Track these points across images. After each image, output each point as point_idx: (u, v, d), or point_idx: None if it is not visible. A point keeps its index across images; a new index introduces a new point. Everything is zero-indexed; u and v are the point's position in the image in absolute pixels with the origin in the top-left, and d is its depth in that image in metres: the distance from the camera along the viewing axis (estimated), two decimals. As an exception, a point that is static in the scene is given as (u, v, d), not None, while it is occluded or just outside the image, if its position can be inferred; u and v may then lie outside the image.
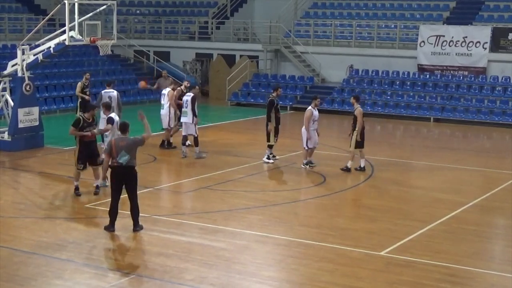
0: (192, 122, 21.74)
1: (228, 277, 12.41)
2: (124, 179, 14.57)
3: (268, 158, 21.73)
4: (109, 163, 14.66)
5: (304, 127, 20.88)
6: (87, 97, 25.60)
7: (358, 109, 21.00)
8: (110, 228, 14.61)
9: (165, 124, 23.20)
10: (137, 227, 14.69)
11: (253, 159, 22.22)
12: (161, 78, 27.47)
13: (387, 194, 18.62)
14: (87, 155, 17.27)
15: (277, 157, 21.98)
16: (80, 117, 17.45)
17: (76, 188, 17.51)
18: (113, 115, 18.55)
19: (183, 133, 22.20)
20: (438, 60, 34.38)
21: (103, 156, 16.03)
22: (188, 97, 21.89)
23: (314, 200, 17.96)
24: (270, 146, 21.76)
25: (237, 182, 19.49)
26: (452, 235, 15.24)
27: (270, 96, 22.28)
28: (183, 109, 22.06)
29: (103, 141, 19.40)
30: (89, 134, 17.17)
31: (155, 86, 27.07)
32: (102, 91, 22.74)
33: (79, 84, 25.90)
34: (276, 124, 21.64)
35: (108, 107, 18.73)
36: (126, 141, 14.60)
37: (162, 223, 15.39)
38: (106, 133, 18.66)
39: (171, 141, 23.35)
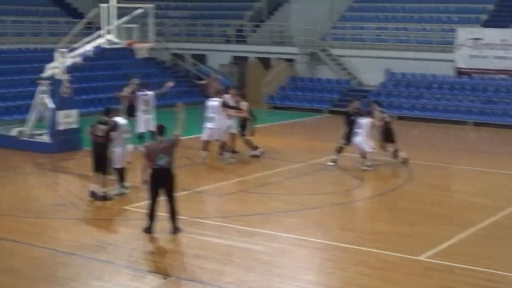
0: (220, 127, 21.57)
1: (267, 281, 12.41)
2: (163, 181, 14.61)
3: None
4: (147, 167, 14.68)
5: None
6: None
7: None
8: (149, 230, 14.67)
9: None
10: (175, 229, 14.72)
11: (291, 162, 22.20)
12: (210, 79, 27.39)
13: (426, 198, 18.50)
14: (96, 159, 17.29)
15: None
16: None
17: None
18: (119, 119, 18.05)
19: (206, 139, 21.85)
20: (476, 63, 34.11)
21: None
22: (215, 102, 21.72)
23: (351, 204, 17.92)
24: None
25: (274, 185, 19.49)
26: (492, 240, 15.09)
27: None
28: (208, 115, 21.76)
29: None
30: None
31: (204, 82, 26.81)
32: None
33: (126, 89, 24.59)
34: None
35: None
36: (164, 143, 14.66)
37: (201, 226, 15.44)
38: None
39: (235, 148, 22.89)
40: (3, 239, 14.22)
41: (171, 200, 14.68)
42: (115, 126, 17.36)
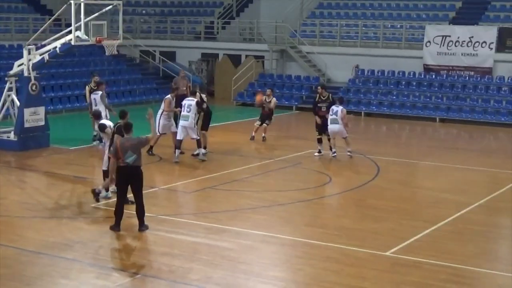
0: (195, 126, 21.48)
1: (233, 277, 12.42)
2: (130, 179, 14.58)
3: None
4: (116, 164, 14.66)
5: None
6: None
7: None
8: (116, 228, 14.62)
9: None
10: (142, 226, 14.67)
11: (259, 159, 22.23)
12: (177, 77, 27.37)
13: (393, 194, 18.61)
14: None
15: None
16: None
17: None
18: (104, 121, 18.00)
19: (179, 138, 21.46)
20: (444, 60, 34.32)
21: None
22: (191, 101, 21.58)
23: (319, 200, 17.96)
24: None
25: (242, 182, 19.50)
26: (458, 235, 15.23)
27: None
28: (183, 113, 21.37)
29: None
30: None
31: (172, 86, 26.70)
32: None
33: (87, 87, 24.11)
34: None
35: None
36: (132, 141, 14.61)
37: (168, 223, 15.41)
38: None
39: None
40: (-32, 238, 14.10)
41: (138, 197, 14.63)
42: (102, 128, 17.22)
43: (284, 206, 17.15)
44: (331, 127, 21.95)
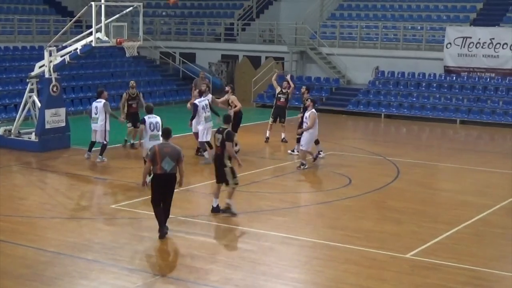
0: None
1: (253, 279, 12.41)
2: (166, 186, 14.29)
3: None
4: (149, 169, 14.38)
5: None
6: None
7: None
8: (162, 232, 14.28)
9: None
10: (163, 228, 14.55)
11: (278, 161, 22.21)
12: (197, 78, 27.42)
13: (413, 197, 18.53)
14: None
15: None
16: None
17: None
18: (147, 117, 18.35)
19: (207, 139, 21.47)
20: (464, 61, 34.17)
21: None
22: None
23: (339, 202, 17.91)
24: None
25: (262, 184, 19.49)
26: (479, 238, 15.15)
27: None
28: (205, 114, 21.24)
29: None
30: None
31: (192, 87, 26.77)
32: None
33: (124, 95, 23.86)
34: None
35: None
36: (171, 148, 14.25)
37: (187, 224, 15.42)
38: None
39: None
40: (-11, 238, 14.19)
41: (167, 203, 14.42)
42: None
43: (304, 208, 17.14)
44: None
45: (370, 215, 16.81)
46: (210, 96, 22.21)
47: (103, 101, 21.37)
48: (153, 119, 18.39)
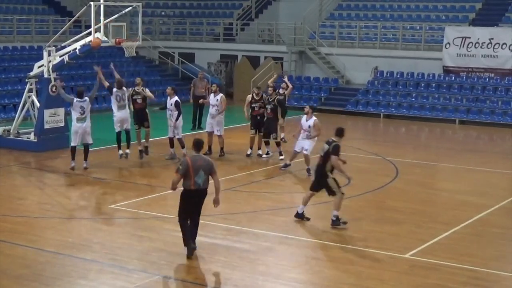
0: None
1: (252, 279, 12.41)
2: (198, 203, 13.38)
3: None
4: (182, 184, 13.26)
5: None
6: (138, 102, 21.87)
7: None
8: (189, 249, 13.31)
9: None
10: (192, 246, 13.33)
11: (278, 161, 22.18)
12: (196, 79, 27.39)
13: (412, 197, 18.54)
14: None
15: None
16: None
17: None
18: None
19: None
20: (463, 61, 34.16)
21: None
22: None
23: (338, 202, 17.88)
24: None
25: (261, 184, 19.49)
26: (478, 238, 15.15)
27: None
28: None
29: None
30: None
31: (190, 88, 26.78)
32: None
33: (129, 90, 22.04)
34: None
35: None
36: (204, 161, 13.23)
37: (187, 224, 15.40)
38: None
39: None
40: (-12, 238, 14.18)
41: (195, 219, 13.51)
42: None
43: (303, 208, 17.10)
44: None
45: (369, 215, 16.82)
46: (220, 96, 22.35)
47: (87, 99, 20.47)
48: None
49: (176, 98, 21.59)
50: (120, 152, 21.15)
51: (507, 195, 18.67)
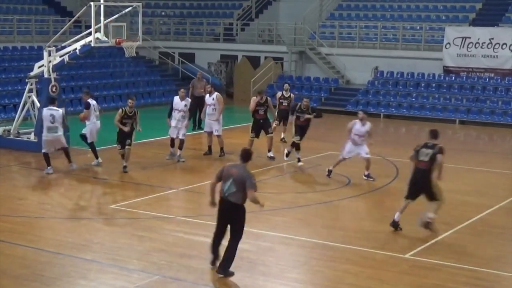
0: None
1: (252, 279, 12.42)
2: (228, 216, 12.39)
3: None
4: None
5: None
6: (126, 129, 20.00)
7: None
8: (213, 263, 12.69)
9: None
10: (224, 271, 12.37)
11: (278, 161, 22.19)
12: (195, 79, 27.39)
13: (412, 197, 18.49)
14: None
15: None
16: None
17: None
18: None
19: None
20: (464, 62, 34.16)
21: None
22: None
23: (338, 202, 17.91)
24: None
25: (261, 184, 19.37)
26: (478, 238, 15.15)
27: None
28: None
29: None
30: None
31: (189, 88, 26.77)
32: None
33: (119, 112, 20.26)
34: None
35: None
36: (238, 171, 12.28)
37: (187, 224, 15.42)
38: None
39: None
40: (-12, 238, 14.18)
41: (231, 240, 12.48)
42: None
43: (303, 208, 17.13)
44: None
45: (369, 215, 16.83)
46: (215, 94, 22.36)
47: (61, 110, 19.98)
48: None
49: (189, 100, 21.71)
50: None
51: (507, 195, 18.67)
